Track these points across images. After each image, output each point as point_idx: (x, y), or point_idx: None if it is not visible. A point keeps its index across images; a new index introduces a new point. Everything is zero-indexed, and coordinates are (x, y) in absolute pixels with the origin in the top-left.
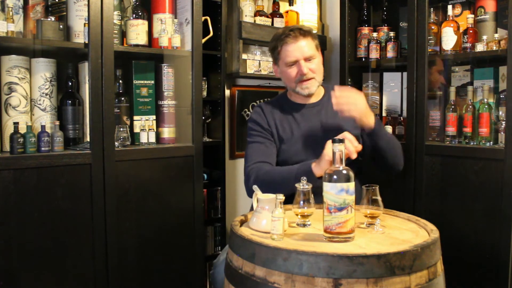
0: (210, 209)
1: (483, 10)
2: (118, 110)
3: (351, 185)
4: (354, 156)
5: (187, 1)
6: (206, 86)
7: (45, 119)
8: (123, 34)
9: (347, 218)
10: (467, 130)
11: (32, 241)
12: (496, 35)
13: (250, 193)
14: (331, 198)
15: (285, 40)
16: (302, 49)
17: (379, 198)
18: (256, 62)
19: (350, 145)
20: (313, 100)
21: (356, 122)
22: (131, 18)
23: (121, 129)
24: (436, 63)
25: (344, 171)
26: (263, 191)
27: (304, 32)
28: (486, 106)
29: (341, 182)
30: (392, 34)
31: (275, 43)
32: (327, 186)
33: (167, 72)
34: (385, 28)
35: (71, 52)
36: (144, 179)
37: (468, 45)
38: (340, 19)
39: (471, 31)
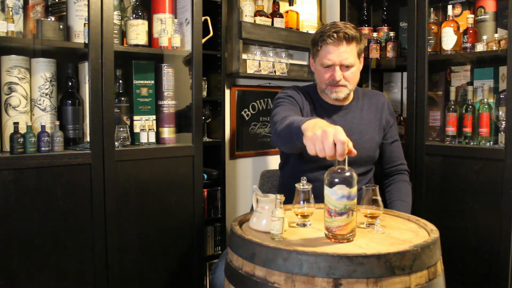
0: (210, 209)
1: (483, 10)
2: (118, 110)
3: (353, 190)
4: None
5: (187, 1)
6: (206, 86)
7: (45, 119)
8: (123, 34)
9: (348, 221)
10: (467, 130)
11: (32, 241)
12: (496, 35)
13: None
14: (331, 203)
15: (327, 41)
16: (342, 55)
17: (379, 198)
18: (256, 62)
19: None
20: (342, 103)
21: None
22: (131, 18)
23: (121, 129)
24: None
25: (348, 173)
26: (282, 144)
27: (349, 37)
28: (486, 106)
29: (342, 189)
30: (392, 34)
31: (317, 39)
32: (328, 191)
33: (167, 72)
34: (385, 28)
35: (71, 52)
36: (144, 179)
37: (468, 45)
38: (340, 19)
39: (471, 31)
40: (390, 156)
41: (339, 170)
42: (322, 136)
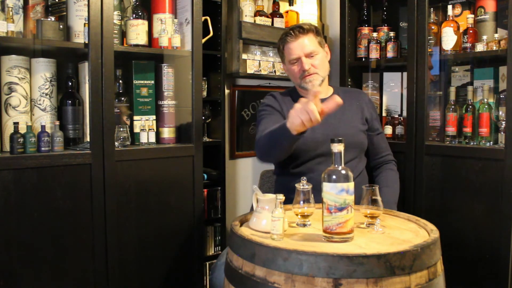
0: (210, 209)
1: (483, 10)
2: (118, 110)
3: (351, 185)
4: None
5: (187, 1)
6: (206, 86)
7: (45, 119)
8: (123, 34)
9: (347, 218)
10: (467, 130)
11: (32, 241)
12: (496, 35)
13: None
14: (331, 198)
15: (286, 39)
16: (302, 46)
17: (379, 198)
18: (256, 62)
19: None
20: (321, 96)
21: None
22: (131, 18)
23: (121, 129)
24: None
25: (343, 171)
26: (263, 156)
27: (303, 30)
28: (486, 106)
29: (341, 182)
30: (392, 34)
31: (278, 43)
32: (327, 187)
33: (167, 72)
34: (385, 28)
35: (71, 52)
36: (144, 179)
37: (468, 45)
38: (340, 19)
39: (471, 31)
40: (377, 147)
41: (336, 166)
42: (303, 105)
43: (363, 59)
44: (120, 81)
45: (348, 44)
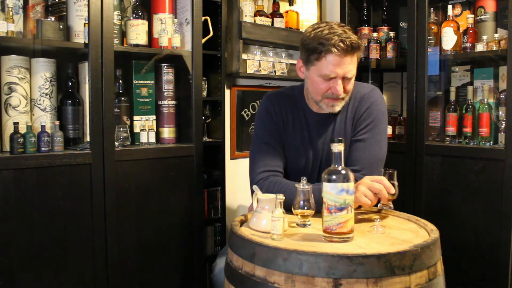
0: (210, 209)
1: (483, 10)
2: (118, 110)
3: (351, 185)
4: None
5: (187, 1)
6: (206, 86)
7: (45, 119)
8: (123, 34)
9: (347, 218)
10: (467, 130)
11: (32, 241)
12: (496, 35)
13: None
14: (331, 198)
15: (332, 50)
16: (346, 67)
17: (395, 183)
18: (256, 62)
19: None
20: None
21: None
22: (131, 18)
23: (121, 129)
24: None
25: (344, 171)
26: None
27: (354, 48)
28: (486, 106)
29: (341, 182)
30: (392, 34)
31: (317, 46)
32: (327, 187)
33: (167, 72)
34: (385, 28)
35: (71, 52)
36: (144, 179)
37: (468, 45)
38: (340, 19)
39: (471, 31)
40: (349, 158)
41: (336, 166)
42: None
43: (363, 59)
44: (120, 81)
45: None
